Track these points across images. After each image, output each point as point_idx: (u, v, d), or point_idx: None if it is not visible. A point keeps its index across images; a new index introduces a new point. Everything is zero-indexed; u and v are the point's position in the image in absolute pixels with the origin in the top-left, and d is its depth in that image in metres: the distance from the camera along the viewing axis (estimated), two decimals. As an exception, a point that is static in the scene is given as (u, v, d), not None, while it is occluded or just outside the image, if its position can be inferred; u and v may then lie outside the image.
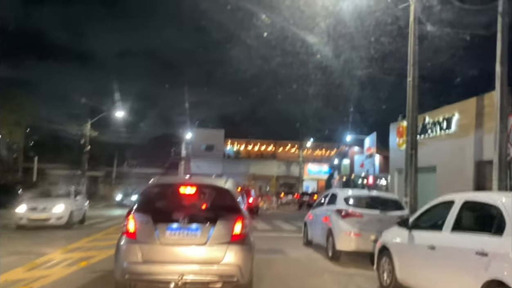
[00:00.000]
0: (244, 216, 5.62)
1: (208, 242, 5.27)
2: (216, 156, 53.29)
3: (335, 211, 9.44)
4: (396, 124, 17.41)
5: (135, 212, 5.48)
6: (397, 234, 6.40)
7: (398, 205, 9.68)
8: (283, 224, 19.04)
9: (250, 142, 58.06)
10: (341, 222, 9.16)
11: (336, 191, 10.95)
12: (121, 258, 5.29)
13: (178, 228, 5.31)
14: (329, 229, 9.51)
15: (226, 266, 5.23)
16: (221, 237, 5.30)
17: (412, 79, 11.35)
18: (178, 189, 5.90)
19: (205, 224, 5.34)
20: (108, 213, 22.37)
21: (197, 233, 5.31)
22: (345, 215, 9.16)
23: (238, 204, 5.87)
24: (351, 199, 9.55)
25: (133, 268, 5.22)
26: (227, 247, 5.27)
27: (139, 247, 5.23)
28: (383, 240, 6.79)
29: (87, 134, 34.05)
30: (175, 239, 5.29)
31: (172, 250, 5.27)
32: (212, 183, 6.34)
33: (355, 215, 9.07)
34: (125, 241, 5.36)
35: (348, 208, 9.24)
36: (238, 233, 5.38)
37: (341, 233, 9.06)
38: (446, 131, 13.73)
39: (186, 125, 48.54)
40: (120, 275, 5.29)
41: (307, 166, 55.37)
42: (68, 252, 9.42)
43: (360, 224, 8.95)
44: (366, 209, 9.20)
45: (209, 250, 5.26)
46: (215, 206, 5.77)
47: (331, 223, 9.50)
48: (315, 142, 54.68)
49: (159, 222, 5.32)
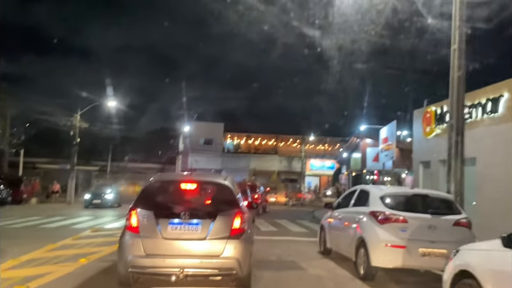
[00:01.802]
0: (243, 212, 5.73)
1: (208, 237, 5.41)
2: (215, 151, 51.47)
3: (369, 214, 7.13)
4: (421, 111, 15.05)
5: (137, 207, 5.60)
6: (495, 257, 4.06)
7: (452, 206, 7.33)
8: (289, 225, 16.74)
9: (250, 136, 56.10)
10: (378, 229, 6.85)
11: (366, 187, 8.60)
12: (124, 251, 5.45)
13: (179, 223, 5.45)
14: (360, 238, 7.20)
15: (225, 260, 5.36)
16: (221, 232, 5.44)
17: (458, 44, 8.97)
18: (179, 185, 6.06)
19: (205, 219, 5.48)
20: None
21: (197, 228, 5.44)
22: (383, 219, 6.85)
23: (238, 199, 5.92)
24: (389, 198, 7.24)
25: (136, 261, 5.36)
26: (227, 241, 5.40)
27: (141, 241, 5.38)
28: (464, 261, 4.45)
29: (77, 125, 31.55)
30: (176, 233, 5.43)
31: (174, 244, 5.41)
32: (212, 179, 6.51)
33: (397, 220, 6.77)
34: (128, 235, 5.50)
35: (387, 210, 6.93)
36: (237, 227, 5.50)
37: (378, 245, 6.76)
38: (490, 115, 11.39)
39: (184, 119, 46.33)
40: (123, 268, 5.44)
41: (310, 161, 53.64)
42: None
43: (405, 232, 6.67)
44: (412, 212, 6.89)
45: (209, 244, 5.40)
46: (215, 201, 5.93)
47: (362, 230, 7.20)
48: (318, 137, 52.77)
49: (161, 217, 5.48)
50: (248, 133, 55.39)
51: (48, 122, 36.24)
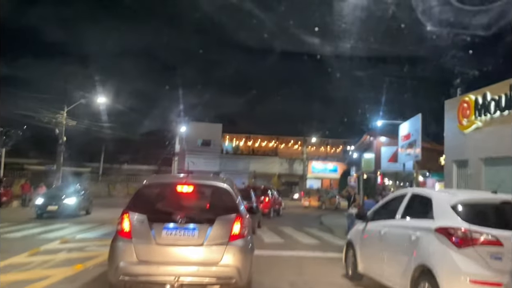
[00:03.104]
0: (243, 216, 5.42)
1: (205, 243, 5.10)
2: (213, 152, 49.50)
3: (436, 231, 4.76)
4: (456, 100, 12.69)
5: (130, 210, 5.27)
6: None
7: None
8: (296, 234, 14.32)
9: (250, 138, 54.11)
10: (454, 255, 4.48)
11: (424, 191, 6.16)
12: (115, 258, 5.09)
13: (174, 228, 5.14)
14: (422, 267, 4.83)
15: (224, 268, 5.05)
16: (219, 238, 5.13)
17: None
18: (175, 188, 5.71)
19: (203, 224, 5.18)
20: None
21: (194, 233, 5.14)
22: (462, 240, 4.48)
23: (237, 203, 5.56)
24: (467, 208, 4.86)
25: (128, 269, 5.02)
26: (225, 247, 5.09)
27: (134, 247, 5.04)
28: None
29: (63, 123, 29.08)
30: (171, 239, 5.11)
31: (169, 250, 5.10)
32: (210, 182, 6.09)
33: (487, 241, 4.40)
34: (119, 240, 5.15)
35: (467, 225, 4.56)
36: (236, 233, 5.19)
37: (456, 280, 4.39)
38: None
39: (181, 119, 44.06)
40: (114, 275, 5.07)
41: (311, 164, 51.59)
42: None
43: (500, 262, 4.31)
44: (506, 229, 4.52)
45: (207, 251, 5.09)
46: (213, 205, 5.64)
47: (426, 256, 4.82)
48: (320, 138, 50.75)
49: (155, 222, 5.16)
50: (247, 134, 53.30)
51: (37, 121, 33.91)
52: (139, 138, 46.65)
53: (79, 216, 17.95)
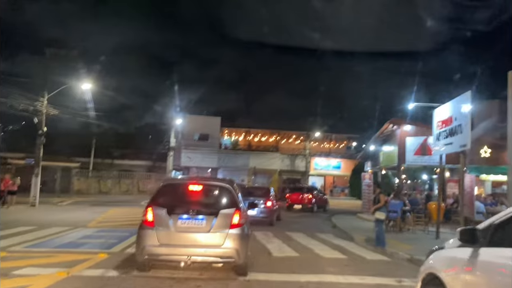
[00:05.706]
0: (241, 210, 6.85)
1: (211, 230, 6.57)
2: (211, 147, 46.59)
3: None
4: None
5: (153, 205, 6.71)
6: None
7: None
8: (311, 243, 11.40)
9: (250, 132, 51.36)
10: None
11: None
12: (141, 242, 6.55)
13: (187, 218, 6.61)
14: None
15: (226, 249, 6.52)
16: (222, 226, 6.59)
17: None
18: (187, 187, 7.21)
19: (209, 215, 6.63)
20: None
21: (202, 223, 6.60)
22: None
23: (237, 200, 6.98)
24: None
25: (151, 250, 6.50)
26: (227, 234, 6.55)
27: (156, 233, 6.50)
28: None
29: (43, 111, 25.95)
30: (185, 227, 6.58)
31: (183, 236, 6.54)
32: (215, 182, 7.71)
33: None
34: (144, 228, 6.61)
35: None
36: (236, 223, 6.64)
37: None
38: None
39: (176, 111, 41.03)
40: (140, 256, 6.60)
41: (314, 160, 48.88)
42: None
43: None
44: None
45: (212, 236, 6.54)
46: (218, 201, 7.03)
47: None
48: (323, 133, 47.96)
49: (172, 213, 6.62)
50: (247, 128, 50.46)
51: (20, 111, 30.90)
52: (133, 131, 43.84)
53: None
